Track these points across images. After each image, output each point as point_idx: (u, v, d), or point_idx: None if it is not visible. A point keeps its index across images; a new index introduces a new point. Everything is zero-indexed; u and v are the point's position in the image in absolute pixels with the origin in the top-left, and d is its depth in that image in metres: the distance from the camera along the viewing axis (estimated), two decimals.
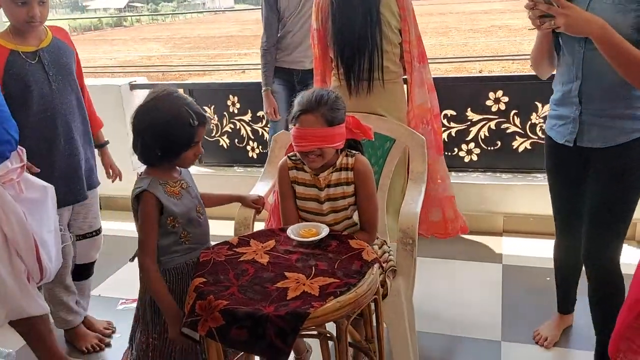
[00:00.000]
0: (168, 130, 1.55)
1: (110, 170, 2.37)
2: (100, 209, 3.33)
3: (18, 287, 1.70)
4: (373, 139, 1.91)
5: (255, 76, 3.20)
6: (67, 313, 2.29)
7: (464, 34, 23.93)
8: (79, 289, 2.36)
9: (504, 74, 8.96)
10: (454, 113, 3.17)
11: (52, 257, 1.79)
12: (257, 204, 1.94)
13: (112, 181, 2.40)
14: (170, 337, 1.60)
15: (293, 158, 1.83)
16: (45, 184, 1.85)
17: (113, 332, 2.46)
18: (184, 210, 1.62)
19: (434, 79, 2.56)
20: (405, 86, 2.49)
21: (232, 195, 1.95)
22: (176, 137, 1.56)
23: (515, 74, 7.85)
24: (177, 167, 1.68)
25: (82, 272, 2.37)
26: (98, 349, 2.34)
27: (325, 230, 1.63)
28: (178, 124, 1.55)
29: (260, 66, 3.11)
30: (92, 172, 2.24)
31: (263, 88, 3.07)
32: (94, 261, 2.40)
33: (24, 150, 1.81)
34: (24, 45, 1.99)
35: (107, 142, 2.37)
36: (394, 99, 2.36)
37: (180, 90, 1.68)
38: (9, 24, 2.01)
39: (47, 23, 2.06)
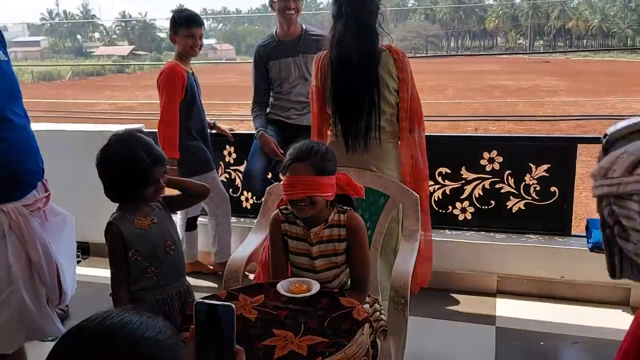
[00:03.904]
0: (121, 170, 1.65)
1: None
2: (89, 255, 3.26)
3: (38, 310, 1.76)
4: (364, 197, 1.91)
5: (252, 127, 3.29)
6: None
7: (460, 93, 24.47)
8: (192, 238, 3.31)
9: (498, 134, 9.08)
10: (449, 171, 3.18)
11: (68, 282, 1.86)
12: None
13: None
14: None
15: (285, 211, 1.83)
16: (66, 212, 1.94)
17: None
18: (148, 244, 1.69)
19: (429, 136, 2.59)
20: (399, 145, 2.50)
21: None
22: (130, 176, 1.65)
23: (509, 134, 7.98)
24: (150, 203, 1.76)
25: (192, 222, 3.30)
26: None
27: (316, 287, 1.60)
28: (130, 164, 1.64)
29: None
30: None
31: (257, 132, 3.11)
32: (199, 215, 3.34)
33: (47, 180, 1.91)
34: (188, 67, 3.04)
35: None
36: (389, 157, 2.37)
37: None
38: (174, 53, 3.08)
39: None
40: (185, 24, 2.98)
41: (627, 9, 72.02)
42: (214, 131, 3.35)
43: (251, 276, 2.46)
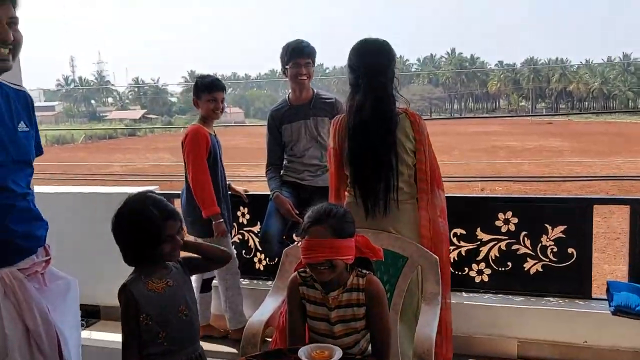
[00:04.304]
0: (135, 228, 1.64)
1: None
2: (99, 318, 3.20)
3: None
4: (383, 259, 1.88)
5: (263, 187, 3.34)
6: None
7: (465, 154, 24.69)
8: (205, 300, 3.28)
9: (513, 195, 9.02)
10: (464, 232, 3.16)
11: (73, 354, 1.76)
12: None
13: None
14: None
15: (303, 274, 1.80)
16: (69, 277, 1.85)
17: None
18: (160, 307, 1.64)
19: None
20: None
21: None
22: (143, 233, 1.63)
23: (525, 195, 7.94)
24: (168, 264, 1.72)
25: (207, 284, 3.32)
26: None
27: (338, 353, 1.55)
28: (142, 220, 1.63)
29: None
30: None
31: (272, 193, 3.12)
32: (214, 277, 3.32)
33: (50, 246, 1.84)
34: (211, 130, 3.16)
35: None
36: (407, 219, 2.35)
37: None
38: (198, 117, 3.19)
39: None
40: (208, 89, 3.10)
41: (626, 72, 73.64)
42: (228, 192, 3.37)
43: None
